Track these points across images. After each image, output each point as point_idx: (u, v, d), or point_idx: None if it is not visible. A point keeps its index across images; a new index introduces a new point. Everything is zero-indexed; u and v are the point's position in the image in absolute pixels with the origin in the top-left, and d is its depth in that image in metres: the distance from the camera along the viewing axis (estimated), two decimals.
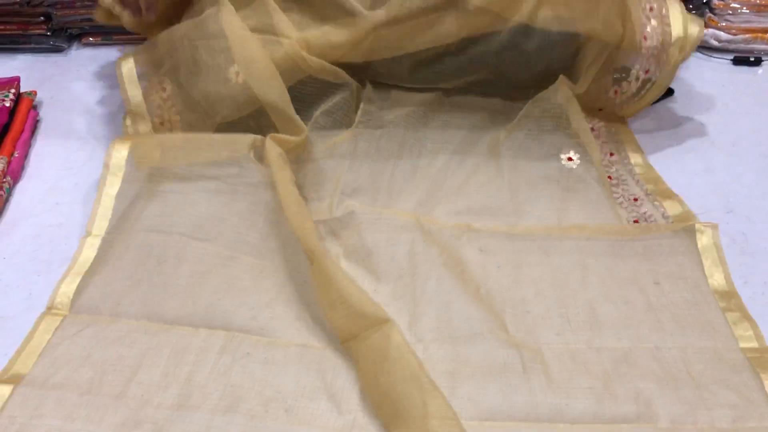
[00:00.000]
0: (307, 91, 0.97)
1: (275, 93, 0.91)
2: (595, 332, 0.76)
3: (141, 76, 1.01)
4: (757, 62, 1.26)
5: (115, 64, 1.04)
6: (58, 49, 1.32)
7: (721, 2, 1.28)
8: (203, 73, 0.94)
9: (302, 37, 0.93)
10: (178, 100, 0.98)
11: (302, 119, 0.93)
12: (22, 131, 1.06)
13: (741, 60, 1.27)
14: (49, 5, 1.29)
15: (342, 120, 0.99)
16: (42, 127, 1.12)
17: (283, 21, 0.94)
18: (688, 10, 1.24)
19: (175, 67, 0.98)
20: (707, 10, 1.30)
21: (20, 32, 1.30)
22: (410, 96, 1.01)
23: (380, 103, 1.00)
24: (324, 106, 0.98)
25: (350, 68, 0.97)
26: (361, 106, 0.99)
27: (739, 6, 1.27)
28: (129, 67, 1.02)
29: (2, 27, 1.30)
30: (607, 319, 0.77)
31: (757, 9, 1.27)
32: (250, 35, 0.92)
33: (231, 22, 0.92)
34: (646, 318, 0.77)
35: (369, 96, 1.00)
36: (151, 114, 0.98)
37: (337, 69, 0.96)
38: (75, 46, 1.34)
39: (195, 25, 0.95)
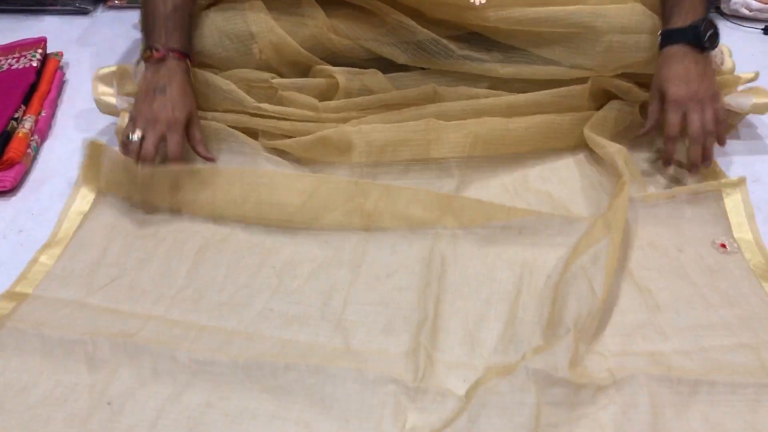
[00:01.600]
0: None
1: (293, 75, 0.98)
2: None
3: None
4: None
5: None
6: (83, 11, 1.33)
7: None
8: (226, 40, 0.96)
9: (329, 21, 0.96)
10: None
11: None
12: (49, 91, 1.07)
13: None
14: None
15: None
16: (68, 88, 1.13)
17: (310, 5, 0.96)
18: None
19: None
20: None
21: None
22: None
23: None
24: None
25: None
26: None
27: None
28: None
29: None
30: None
31: None
32: (274, 25, 0.95)
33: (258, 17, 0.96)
34: None
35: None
36: None
37: (362, 50, 0.97)
38: (100, 8, 1.35)
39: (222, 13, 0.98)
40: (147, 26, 0.91)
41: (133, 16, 1.30)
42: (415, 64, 0.99)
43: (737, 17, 1.27)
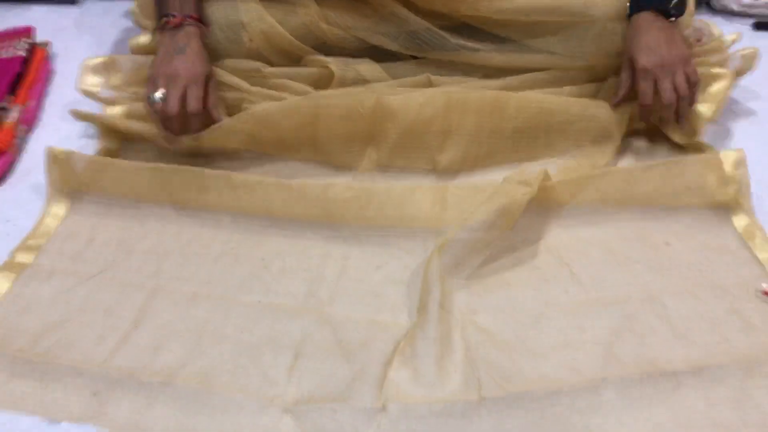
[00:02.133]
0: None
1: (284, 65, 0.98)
2: None
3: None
4: None
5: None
6: (72, 1, 1.32)
7: None
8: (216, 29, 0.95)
9: (321, 10, 0.96)
10: None
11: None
12: (37, 81, 1.06)
13: (762, 25, 1.25)
14: None
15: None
16: (56, 78, 1.12)
17: None
18: None
19: None
20: None
21: None
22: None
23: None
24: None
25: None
26: None
27: None
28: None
29: None
30: None
31: None
32: (264, 13, 0.95)
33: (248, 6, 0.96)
34: None
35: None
36: None
37: (353, 39, 0.98)
38: None
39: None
40: None
41: (122, 5, 1.29)
42: (408, 53, 0.99)
43: (727, 12, 1.28)
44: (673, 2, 0.89)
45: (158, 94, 0.85)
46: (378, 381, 0.67)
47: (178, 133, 0.88)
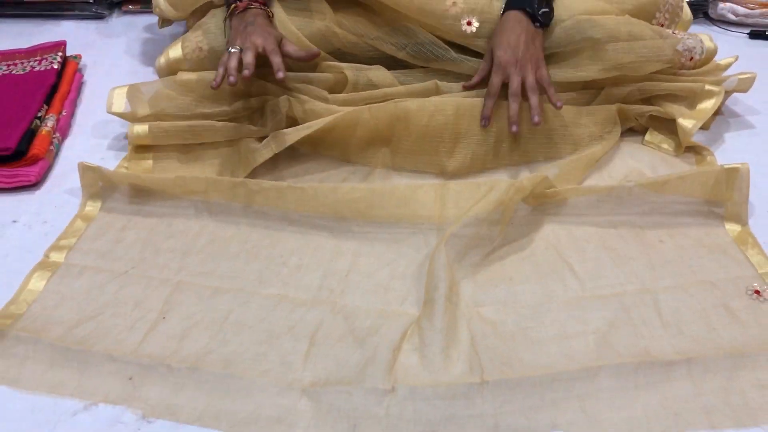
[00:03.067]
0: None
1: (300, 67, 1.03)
2: None
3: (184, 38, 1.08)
4: None
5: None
6: (99, 16, 1.40)
7: None
8: None
9: (336, 18, 1.03)
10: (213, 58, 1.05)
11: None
12: (69, 92, 1.13)
13: (757, 34, 1.30)
14: None
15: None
16: (86, 89, 1.19)
17: (317, 1, 1.03)
18: None
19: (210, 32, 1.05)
20: None
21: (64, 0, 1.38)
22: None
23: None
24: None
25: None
26: None
27: None
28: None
29: None
30: None
31: None
32: (286, 20, 1.02)
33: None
34: None
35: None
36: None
37: (366, 47, 1.04)
38: (115, 13, 1.42)
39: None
40: None
41: (147, 20, 1.37)
42: (415, 62, 1.05)
43: (724, 22, 1.33)
44: (541, 11, 0.96)
45: (235, 48, 0.92)
46: (388, 365, 0.72)
47: (250, 65, 0.91)
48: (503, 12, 0.99)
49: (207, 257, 0.87)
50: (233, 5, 0.99)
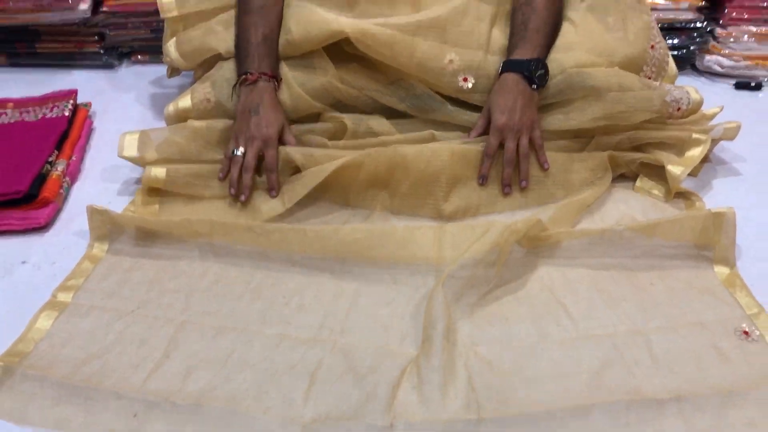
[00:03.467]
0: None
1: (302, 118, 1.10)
2: None
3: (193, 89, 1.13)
4: (758, 87, 1.35)
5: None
6: (109, 66, 1.45)
7: (724, 31, 1.37)
8: None
9: (338, 73, 1.08)
10: (219, 110, 1.10)
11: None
12: (79, 138, 1.17)
13: (742, 85, 1.35)
14: (103, 26, 1.42)
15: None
16: (95, 135, 1.24)
17: (320, 57, 1.08)
18: (693, 39, 1.35)
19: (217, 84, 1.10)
20: (711, 38, 1.38)
21: (76, 50, 1.44)
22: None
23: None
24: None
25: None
26: None
27: (740, 34, 1.36)
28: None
29: (60, 45, 1.44)
30: None
31: (758, 38, 1.36)
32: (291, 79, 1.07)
33: None
34: None
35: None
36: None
37: (366, 99, 1.09)
38: (125, 63, 1.48)
39: None
40: (240, 54, 1.07)
41: (155, 70, 1.42)
42: (413, 113, 1.10)
43: (710, 73, 1.38)
44: (538, 74, 1.01)
45: (239, 151, 1.00)
46: (387, 402, 0.74)
47: (249, 183, 1.00)
48: (501, 72, 1.04)
49: (211, 297, 0.90)
50: (244, 76, 1.04)
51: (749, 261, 0.93)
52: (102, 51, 1.44)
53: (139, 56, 1.47)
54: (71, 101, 1.22)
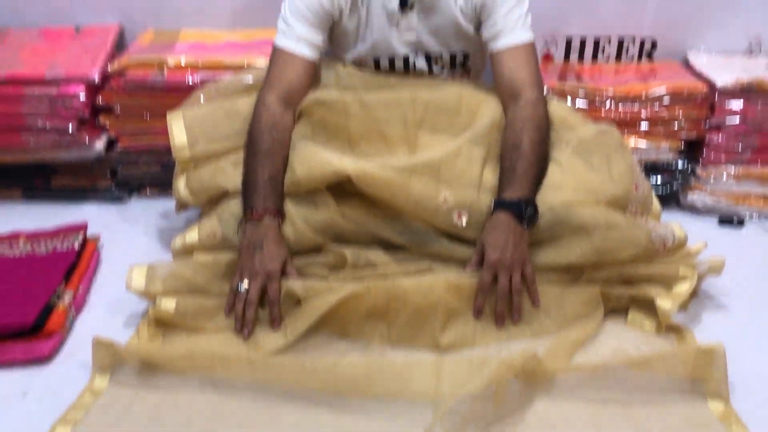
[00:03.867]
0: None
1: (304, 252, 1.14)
2: None
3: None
4: (741, 223, 1.41)
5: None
6: (119, 199, 1.51)
7: (704, 171, 1.45)
8: None
9: (339, 209, 1.13)
10: (225, 244, 1.14)
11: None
12: (87, 270, 1.21)
13: (726, 221, 1.41)
14: (116, 163, 1.50)
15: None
16: (103, 267, 1.27)
17: (322, 194, 1.14)
18: (675, 178, 1.42)
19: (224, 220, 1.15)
20: (692, 177, 1.46)
21: (89, 185, 1.51)
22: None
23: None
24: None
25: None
26: None
27: (720, 174, 1.44)
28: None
29: (74, 180, 1.51)
30: None
31: (737, 178, 1.44)
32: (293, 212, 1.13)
33: None
34: None
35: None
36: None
37: (366, 233, 1.14)
38: (135, 196, 1.54)
39: None
40: (247, 192, 1.13)
41: (163, 204, 1.48)
42: (410, 247, 1.14)
43: (694, 209, 1.45)
44: (528, 213, 1.06)
45: (243, 287, 1.05)
46: None
47: (251, 318, 1.04)
48: (493, 211, 1.09)
49: (209, 431, 0.90)
50: (249, 213, 1.10)
51: (743, 395, 0.94)
52: (114, 186, 1.51)
53: (148, 190, 1.54)
54: (81, 234, 1.27)
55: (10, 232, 1.30)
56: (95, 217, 1.43)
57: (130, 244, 1.35)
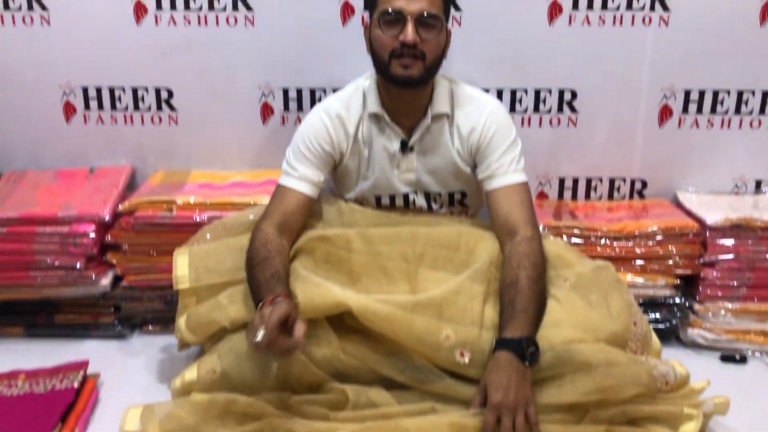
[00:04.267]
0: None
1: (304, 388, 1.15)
2: None
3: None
4: (743, 360, 1.40)
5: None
6: (121, 336, 1.52)
7: (702, 306, 1.46)
8: (247, 364, 1.13)
9: (341, 344, 1.14)
10: (225, 381, 1.14)
11: None
12: (84, 410, 1.20)
13: (728, 357, 1.40)
14: (120, 299, 1.52)
15: None
16: (101, 405, 1.26)
17: (324, 329, 1.15)
18: (673, 313, 1.44)
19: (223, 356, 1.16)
20: (691, 313, 1.47)
21: (92, 321, 1.52)
22: None
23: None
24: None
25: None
26: None
27: (718, 310, 1.45)
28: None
29: (77, 316, 1.52)
30: None
31: (734, 313, 1.45)
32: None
33: None
34: None
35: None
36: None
37: (367, 369, 1.14)
38: (136, 333, 1.54)
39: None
40: (254, 291, 1.15)
41: (165, 340, 1.48)
42: (412, 385, 1.13)
43: (695, 346, 1.45)
44: (529, 351, 1.06)
45: (259, 336, 1.03)
46: None
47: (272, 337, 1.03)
48: (495, 350, 1.10)
49: None
50: (261, 303, 1.10)
51: None
52: (116, 322, 1.52)
53: (150, 326, 1.55)
54: (81, 372, 1.27)
55: (10, 371, 1.29)
56: (97, 353, 1.42)
57: (131, 382, 1.34)
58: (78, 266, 1.45)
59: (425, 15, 1.19)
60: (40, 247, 1.45)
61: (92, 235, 1.46)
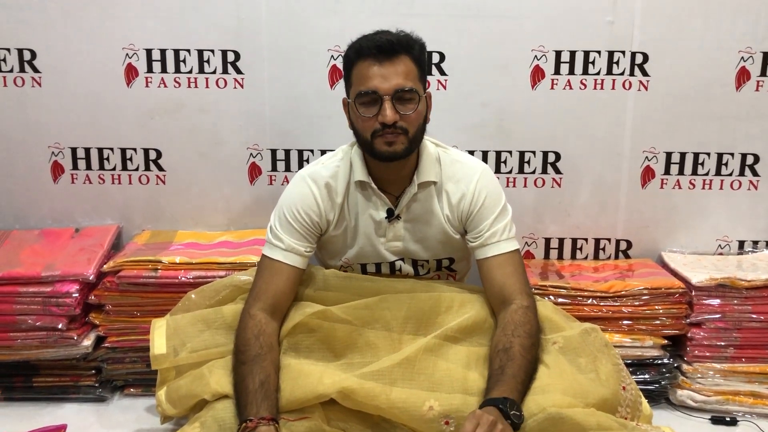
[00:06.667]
0: None
1: None
2: None
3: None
4: (733, 422, 1.38)
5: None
6: (102, 399, 1.48)
7: (690, 367, 1.45)
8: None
9: (324, 414, 1.12)
10: None
11: None
12: None
13: (718, 420, 1.39)
14: (101, 360, 1.49)
15: None
16: None
17: (327, 373, 1.13)
18: (662, 374, 1.43)
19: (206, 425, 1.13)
20: (679, 373, 1.46)
21: (72, 383, 1.48)
22: None
23: None
24: None
25: None
26: None
27: (706, 371, 1.44)
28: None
29: (57, 379, 1.48)
30: None
31: (722, 374, 1.44)
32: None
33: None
34: None
35: None
36: None
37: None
38: (117, 396, 1.51)
39: None
40: (240, 402, 1.11)
41: (146, 402, 1.45)
42: None
43: (685, 407, 1.43)
44: (512, 412, 1.03)
45: None
46: None
47: None
48: (481, 406, 1.06)
49: None
50: (243, 424, 1.07)
51: None
52: (97, 384, 1.48)
53: (132, 389, 1.51)
54: None
55: None
56: (75, 418, 1.39)
57: None
58: (60, 327, 1.43)
59: (401, 91, 1.20)
60: (22, 307, 1.43)
61: (75, 295, 1.44)
